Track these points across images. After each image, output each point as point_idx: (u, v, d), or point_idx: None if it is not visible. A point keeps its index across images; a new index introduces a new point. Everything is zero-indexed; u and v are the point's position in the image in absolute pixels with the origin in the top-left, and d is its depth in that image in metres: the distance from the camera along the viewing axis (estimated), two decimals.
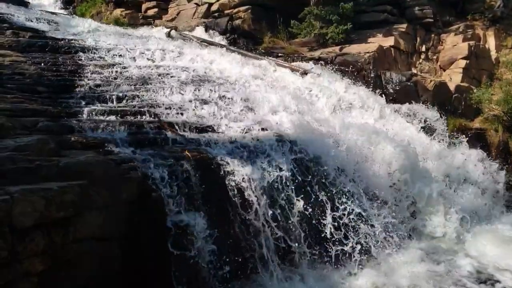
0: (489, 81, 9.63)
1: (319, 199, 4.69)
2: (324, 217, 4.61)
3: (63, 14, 11.69)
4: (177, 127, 4.72)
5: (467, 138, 7.85)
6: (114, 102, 5.11)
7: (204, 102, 5.56)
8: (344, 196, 4.86)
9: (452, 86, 9.23)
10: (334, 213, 4.68)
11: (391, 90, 8.57)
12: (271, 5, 10.82)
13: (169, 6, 12.66)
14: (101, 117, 4.62)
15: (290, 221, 4.37)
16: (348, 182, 5.10)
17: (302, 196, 4.55)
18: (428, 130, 7.65)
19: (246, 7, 10.73)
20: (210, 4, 11.41)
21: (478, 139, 8.36)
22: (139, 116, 4.80)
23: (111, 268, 3.27)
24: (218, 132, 4.93)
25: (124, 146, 4.03)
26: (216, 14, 11.17)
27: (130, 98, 5.27)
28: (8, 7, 9.15)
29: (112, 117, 4.65)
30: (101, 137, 4.09)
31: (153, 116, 4.84)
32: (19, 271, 2.69)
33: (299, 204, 4.47)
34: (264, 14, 10.76)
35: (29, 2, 13.14)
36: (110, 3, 13.48)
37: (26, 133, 3.79)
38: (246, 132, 5.01)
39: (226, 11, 10.99)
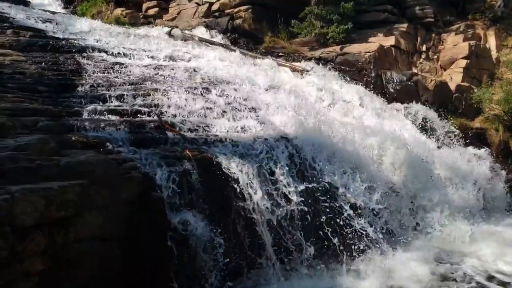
0: (489, 81, 9.62)
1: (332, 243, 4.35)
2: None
3: (63, 13, 11.67)
4: (178, 128, 4.71)
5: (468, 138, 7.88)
6: (115, 101, 5.07)
7: (209, 107, 5.44)
8: (361, 242, 4.52)
9: (452, 86, 9.23)
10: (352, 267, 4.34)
11: (391, 90, 8.57)
12: (271, 5, 10.81)
13: (169, 6, 12.64)
14: (102, 117, 4.61)
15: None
16: (369, 226, 4.65)
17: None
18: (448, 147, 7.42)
19: (247, 6, 10.72)
20: (211, 4, 11.41)
21: (478, 139, 8.36)
22: (139, 116, 4.79)
23: (111, 268, 3.27)
24: (224, 138, 4.73)
25: (125, 146, 4.03)
26: (216, 14, 11.16)
27: (131, 98, 5.25)
28: (10, 8, 9.11)
29: (113, 117, 4.63)
30: (102, 137, 4.09)
31: (154, 116, 4.83)
32: (19, 271, 2.69)
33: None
34: (265, 13, 10.75)
35: (30, 2, 13.11)
36: (111, 3, 13.45)
37: (27, 132, 3.78)
38: (254, 139, 4.78)
39: (227, 11, 10.99)
